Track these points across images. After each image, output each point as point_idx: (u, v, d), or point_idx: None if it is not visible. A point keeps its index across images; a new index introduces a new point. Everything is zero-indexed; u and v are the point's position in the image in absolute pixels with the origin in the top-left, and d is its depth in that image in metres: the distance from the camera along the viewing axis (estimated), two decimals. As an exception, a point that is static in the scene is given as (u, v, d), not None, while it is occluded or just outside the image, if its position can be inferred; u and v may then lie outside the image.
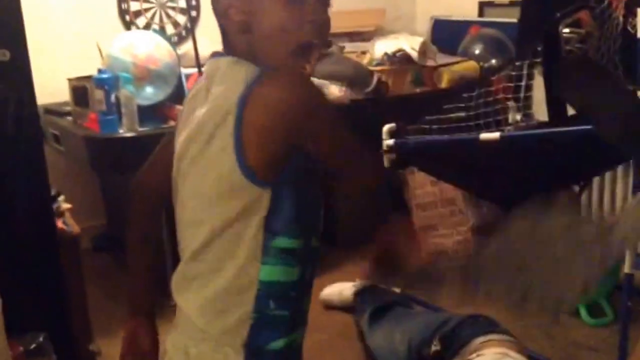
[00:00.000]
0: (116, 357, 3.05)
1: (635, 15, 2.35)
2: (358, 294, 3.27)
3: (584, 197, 3.89)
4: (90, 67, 3.49)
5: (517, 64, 3.01)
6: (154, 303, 1.78)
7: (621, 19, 2.62)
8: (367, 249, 1.87)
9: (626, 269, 2.49)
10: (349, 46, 4.38)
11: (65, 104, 3.67)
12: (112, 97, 3.21)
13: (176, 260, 1.71)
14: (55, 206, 2.75)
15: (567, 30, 2.67)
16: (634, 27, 2.41)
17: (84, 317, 2.88)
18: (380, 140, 3.19)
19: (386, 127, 3.22)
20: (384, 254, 1.71)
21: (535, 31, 2.91)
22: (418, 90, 4.06)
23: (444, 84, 4.05)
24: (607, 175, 3.79)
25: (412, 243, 1.77)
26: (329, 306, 3.38)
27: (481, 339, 1.94)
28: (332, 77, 3.77)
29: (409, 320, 2.72)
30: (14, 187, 2.46)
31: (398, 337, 2.67)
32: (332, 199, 3.96)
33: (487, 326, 2.01)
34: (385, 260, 1.73)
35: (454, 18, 4.69)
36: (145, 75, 3.40)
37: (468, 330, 2.00)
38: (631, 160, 2.43)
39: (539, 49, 2.92)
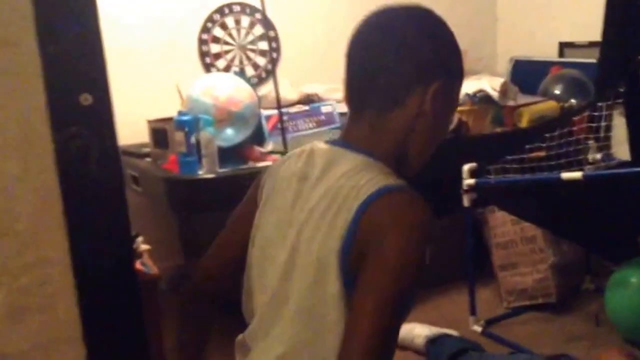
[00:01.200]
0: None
1: None
2: (431, 342, 3.23)
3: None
4: (169, 109, 3.55)
5: (598, 104, 2.97)
6: None
7: None
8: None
9: None
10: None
11: (143, 145, 3.72)
12: (192, 139, 3.25)
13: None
14: (134, 247, 2.80)
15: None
16: None
17: (160, 356, 2.90)
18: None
19: (467, 167, 3.22)
20: None
21: (615, 72, 2.89)
22: (498, 130, 4.03)
23: (524, 124, 4.01)
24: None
25: None
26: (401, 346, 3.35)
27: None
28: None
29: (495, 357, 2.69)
30: (96, 228, 2.52)
31: None
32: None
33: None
34: None
35: (534, 58, 4.66)
36: (225, 117, 3.45)
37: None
38: None
39: (620, 89, 2.88)
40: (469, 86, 3.99)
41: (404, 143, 1.41)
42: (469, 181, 3.22)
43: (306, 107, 3.75)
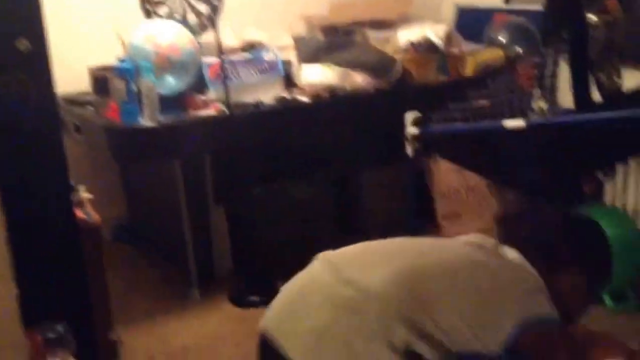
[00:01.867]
0: (135, 346, 3.08)
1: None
2: None
3: (608, 184, 3.86)
4: (111, 56, 3.48)
5: (542, 51, 2.96)
6: None
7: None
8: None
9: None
10: (373, 35, 4.34)
11: (86, 93, 3.67)
12: (133, 87, 3.19)
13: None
14: (75, 196, 2.75)
15: (593, 17, 2.62)
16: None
17: (104, 306, 2.87)
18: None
19: (410, 116, 3.20)
20: None
21: (561, 18, 2.87)
22: (442, 78, 4.02)
23: (468, 72, 4.01)
24: (632, 162, 3.75)
25: None
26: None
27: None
28: (357, 66, 3.75)
29: None
30: (34, 177, 2.46)
31: None
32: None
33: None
34: None
35: (478, 6, 4.64)
36: (166, 65, 3.39)
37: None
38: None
39: (565, 36, 2.88)
40: (412, 34, 3.97)
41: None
42: (412, 130, 3.20)
43: (248, 55, 3.68)
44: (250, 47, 3.80)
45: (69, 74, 3.46)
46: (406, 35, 4.01)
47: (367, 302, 1.61)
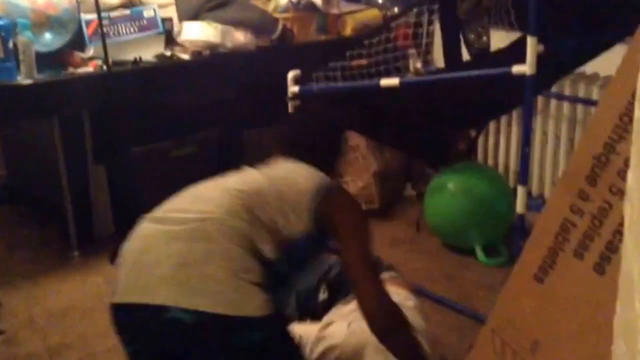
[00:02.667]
0: (15, 307, 3.03)
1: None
2: None
3: (480, 140, 4.01)
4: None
5: (416, 10, 3.03)
6: None
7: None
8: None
9: (518, 209, 2.57)
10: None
11: (-42, 50, 3.53)
12: (10, 44, 3.12)
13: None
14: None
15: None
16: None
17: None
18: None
19: (291, 74, 3.23)
20: None
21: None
22: (322, 37, 4.07)
23: (347, 32, 4.07)
24: (503, 119, 3.91)
25: None
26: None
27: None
28: (238, 24, 3.75)
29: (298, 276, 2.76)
30: None
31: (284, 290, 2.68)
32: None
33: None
34: None
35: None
36: (43, 21, 3.30)
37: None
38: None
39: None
40: (292, -8, 3.99)
41: None
42: (293, 89, 3.24)
43: (127, 11, 3.62)
44: (130, 4, 3.73)
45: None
46: (286, -5, 4.03)
47: (208, 222, 1.75)
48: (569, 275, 1.79)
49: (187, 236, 1.73)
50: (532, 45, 2.36)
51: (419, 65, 3.30)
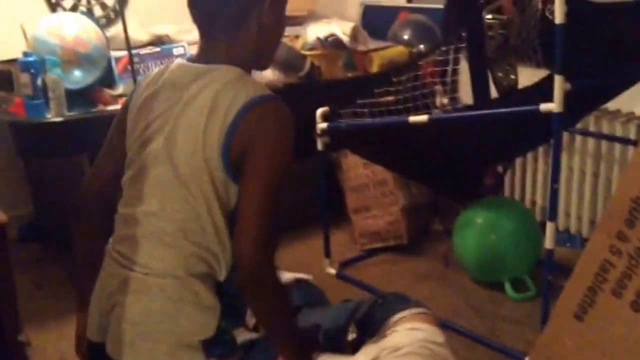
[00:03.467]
0: (45, 347, 3.02)
1: (553, 1, 2.41)
2: None
3: (507, 175, 4.00)
4: (14, 51, 3.41)
5: (444, 49, 3.06)
6: None
7: (540, 5, 2.69)
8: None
9: (547, 244, 2.56)
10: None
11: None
12: (39, 81, 3.14)
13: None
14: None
15: (489, 16, 2.72)
16: (552, 13, 2.48)
17: (12, 307, 2.82)
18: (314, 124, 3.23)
19: (319, 111, 3.26)
20: None
21: (460, 17, 2.97)
22: (350, 74, 4.10)
23: (374, 69, 4.10)
24: (529, 155, 3.90)
25: None
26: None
27: (396, 316, 1.98)
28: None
29: (319, 314, 2.76)
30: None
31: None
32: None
33: (399, 303, 2.05)
34: None
35: (383, 3, 4.74)
36: (73, 59, 3.34)
37: (380, 311, 2.03)
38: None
39: (464, 34, 2.98)
40: (320, 30, 4.02)
41: (256, 51, 1.68)
42: (321, 125, 3.27)
43: (157, 49, 3.67)
44: (159, 41, 3.79)
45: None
46: (314, 32, 4.07)
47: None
48: (608, 313, 1.80)
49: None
50: (559, 84, 2.38)
51: (445, 101, 3.32)
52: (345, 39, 3.98)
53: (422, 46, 4.11)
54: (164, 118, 1.65)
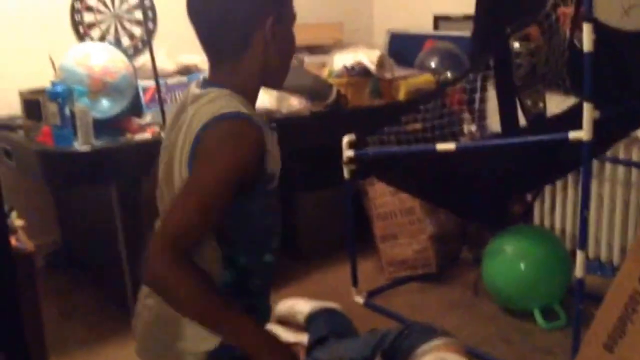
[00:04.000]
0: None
1: (581, 29, 2.40)
2: (309, 320, 3.23)
3: (536, 203, 3.96)
4: (42, 80, 3.44)
5: (471, 76, 3.05)
6: None
7: (568, 32, 2.67)
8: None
9: (578, 273, 2.53)
10: (308, 59, 4.41)
11: (16, 117, 3.61)
12: (67, 111, 3.16)
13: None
14: (7, 223, 2.70)
15: (517, 44, 2.71)
16: (580, 40, 2.46)
17: (38, 335, 2.83)
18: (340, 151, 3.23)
19: (346, 139, 3.25)
20: None
21: (488, 45, 2.97)
22: (376, 102, 4.09)
23: (401, 96, 4.09)
24: (559, 183, 3.87)
25: None
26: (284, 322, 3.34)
27: (423, 346, 1.96)
28: (293, 90, 3.79)
29: (345, 345, 2.74)
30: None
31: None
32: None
33: (426, 333, 2.03)
34: None
35: (410, 32, 4.74)
36: (100, 88, 3.36)
37: (407, 341, 2.01)
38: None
39: (491, 62, 2.97)
40: (346, 58, 4.03)
41: (264, 70, 1.73)
42: (348, 153, 3.26)
43: (184, 78, 3.69)
44: (186, 70, 3.81)
45: (0, 99, 3.44)
46: (341, 60, 4.08)
47: None
48: (638, 344, 1.76)
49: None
50: (588, 111, 2.36)
51: (473, 129, 3.31)
52: (372, 67, 3.98)
53: (449, 73, 4.11)
54: (166, 142, 1.80)
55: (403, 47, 4.60)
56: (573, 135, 2.40)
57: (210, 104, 1.65)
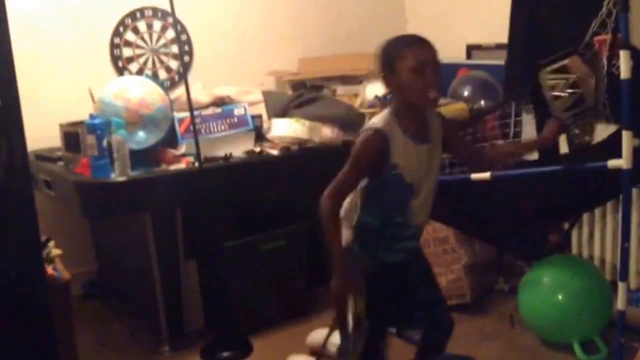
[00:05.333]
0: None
1: (618, 57, 2.38)
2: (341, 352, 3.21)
3: (574, 232, 3.91)
4: (82, 113, 3.51)
5: (505, 104, 3.03)
6: None
7: (605, 61, 2.64)
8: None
9: (619, 305, 2.49)
10: (341, 89, 4.43)
11: (56, 149, 3.69)
12: (104, 142, 3.21)
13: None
14: (45, 252, 2.73)
15: (551, 77, 2.67)
16: (618, 68, 2.44)
17: (72, 362, 2.85)
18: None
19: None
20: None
21: (521, 73, 2.95)
22: (410, 131, 4.08)
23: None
24: (597, 212, 3.81)
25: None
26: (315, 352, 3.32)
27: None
28: (325, 119, 3.81)
29: None
30: (4, 233, 2.45)
31: None
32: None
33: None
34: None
35: (442, 60, 4.71)
36: (137, 120, 3.41)
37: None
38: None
39: (526, 89, 2.95)
40: (378, 89, 4.04)
41: (401, 98, 2.36)
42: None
43: (218, 110, 3.73)
44: (221, 102, 3.84)
45: (41, 131, 3.49)
46: (373, 90, 4.09)
47: None
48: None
49: None
50: (627, 139, 2.33)
51: (508, 157, 3.26)
52: (404, 96, 3.98)
53: (482, 102, 4.09)
54: None
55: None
56: (612, 163, 2.38)
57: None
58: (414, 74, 2.31)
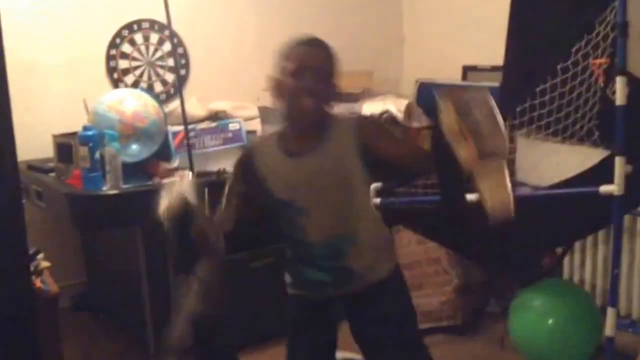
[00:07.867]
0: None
1: (614, 82, 2.38)
2: None
3: (566, 260, 3.90)
4: (76, 124, 3.48)
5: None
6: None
7: (601, 84, 2.64)
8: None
9: (608, 332, 2.47)
10: (337, 107, 4.42)
11: (49, 160, 3.67)
12: (97, 154, 3.20)
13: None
14: (34, 264, 2.71)
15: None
16: (614, 93, 2.43)
17: (58, 376, 2.82)
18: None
19: (373, 187, 3.23)
20: None
21: (517, 95, 2.95)
22: (404, 150, 4.08)
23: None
24: (589, 240, 3.81)
25: None
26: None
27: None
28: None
29: None
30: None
31: None
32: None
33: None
34: None
35: (438, 81, 4.75)
36: (131, 133, 3.40)
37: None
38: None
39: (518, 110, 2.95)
40: (375, 107, 4.04)
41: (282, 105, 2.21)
42: (375, 201, 3.23)
43: (213, 124, 3.72)
44: (216, 116, 3.84)
45: (35, 142, 3.48)
46: (369, 108, 4.09)
47: None
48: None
49: None
50: (619, 165, 2.32)
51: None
52: (399, 115, 3.99)
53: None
54: None
55: (431, 97, 4.59)
56: (604, 189, 2.36)
57: None
58: (291, 77, 2.17)
